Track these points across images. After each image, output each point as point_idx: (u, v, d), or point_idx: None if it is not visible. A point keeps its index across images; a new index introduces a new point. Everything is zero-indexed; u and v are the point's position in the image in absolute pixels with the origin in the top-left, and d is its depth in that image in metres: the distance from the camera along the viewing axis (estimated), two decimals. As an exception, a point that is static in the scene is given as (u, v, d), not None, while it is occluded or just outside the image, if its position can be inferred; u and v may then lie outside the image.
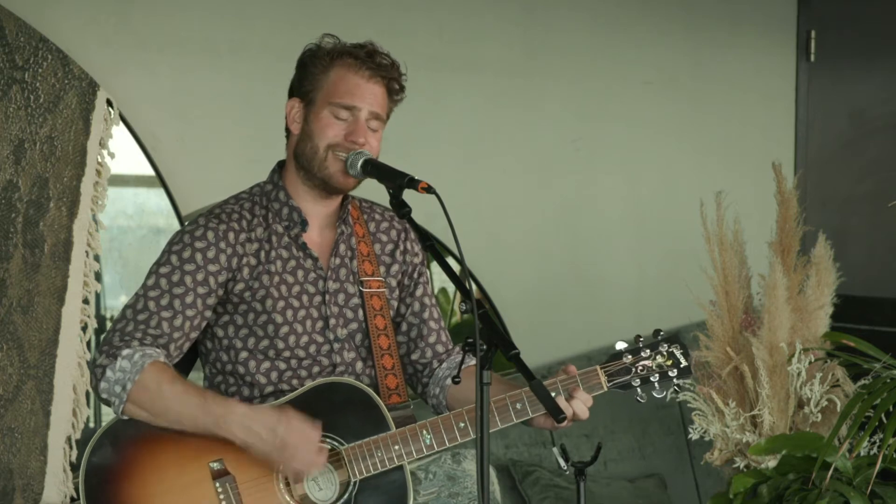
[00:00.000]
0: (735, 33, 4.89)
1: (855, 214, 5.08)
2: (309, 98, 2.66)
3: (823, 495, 3.23)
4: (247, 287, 2.62)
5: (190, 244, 2.60)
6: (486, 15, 4.31)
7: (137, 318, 2.55)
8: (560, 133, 4.50)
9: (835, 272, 3.64)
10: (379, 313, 2.73)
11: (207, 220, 2.64)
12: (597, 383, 2.64)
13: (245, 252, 2.63)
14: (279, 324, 2.63)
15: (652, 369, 2.68)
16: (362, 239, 2.76)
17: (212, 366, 2.70)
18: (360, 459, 2.56)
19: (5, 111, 3.27)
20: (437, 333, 2.82)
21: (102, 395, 2.53)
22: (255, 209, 2.69)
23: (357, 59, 2.64)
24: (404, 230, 2.82)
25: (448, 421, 2.59)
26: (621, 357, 2.68)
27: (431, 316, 2.82)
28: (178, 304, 2.57)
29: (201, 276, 2.58)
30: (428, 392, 2.81)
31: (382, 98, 2.67)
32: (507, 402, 2.59)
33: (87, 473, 2.51)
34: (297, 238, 2.68)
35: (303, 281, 2.67)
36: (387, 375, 2.71)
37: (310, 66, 2.68)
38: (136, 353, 2.51)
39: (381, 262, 2.77)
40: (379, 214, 2.83)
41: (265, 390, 2.63)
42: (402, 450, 2.57)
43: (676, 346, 2.71)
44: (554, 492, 3.89)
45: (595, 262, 4.61)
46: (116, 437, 2.54)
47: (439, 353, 2.81)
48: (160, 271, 2.59)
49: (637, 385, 2.66)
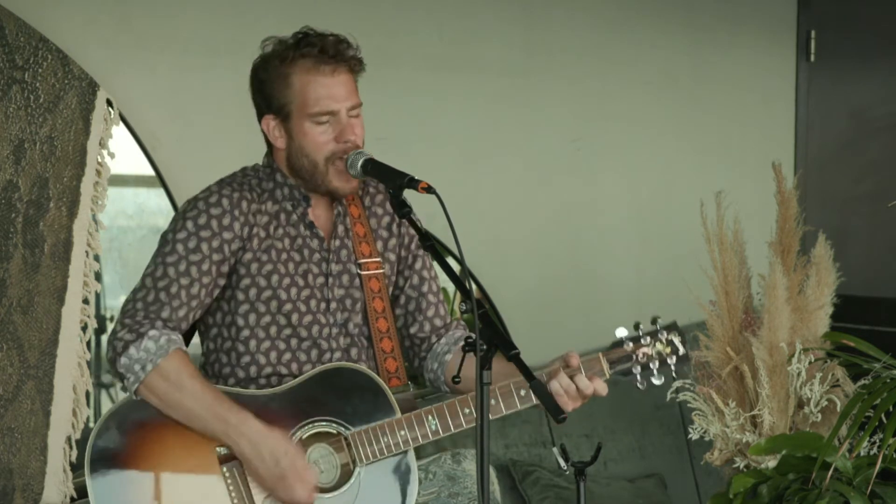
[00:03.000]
0: (735, 33, 4.89)
1: (855, 214, 5.08)
2: (284, 113, 2.62)
3: (823, 495, 3.23)
4: (254, 258, 2.62)
5: (205, 210, 2.59)
6: (486, 15, 4.31)
7: (158, 286, 2.55)
8: (560, 133, 4.50)
9: (835, 272, 3.64)
10: (377, 295, 2.73)
11: (221, 188, 2.63)
12: (599, 370, 2.65)
13: (256, 223, 2.63)
14: (283, 300, 2.63)
15: (652, 357, 2.70)
16: (357, 220, 2.75)
17: (212, 342, 2.68)
18: (366, 444, 2.56)
19: (5, 111, 3.27)
20: (436, 307, 2.81)
21: (120, 369, 2.52)
22: (263, 184, 2.68)
23: (311, 58, 2.59)
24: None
25: (453, 407, 2.59)
26: (622, 345, 2.69)
27: (430, 289, 2.81)
28: (195, 270, 2.56)
29: (217, 243, 2.58)
30: (425, 366, 2.81)
31: (351, 83, 2.64)
32: (510, 388, 2.60)
33: (93, 456, 2.51)
34: (305, 216, 2.67)
35: (308, 260, 2.67)
36: (386, 358, 2.71)
37: (268, 82, 2.63)
38: (162, 337, 2.51)
39: (378, 238, 2.76)
40: (373, 187, 2.81)
41: (263, 371, 2.62)
42: (407, 435, 2.58)
43: (675, 333, 2.74)
44: (554, 492, 3.88)
45: (595, 262, 4.61)
46: (122, 420, 2.54)
47: (437, 328, 2.81)
48: (177, 237, 2.58)
49: (637, 372, 2.69)
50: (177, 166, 3.68)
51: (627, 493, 4.10)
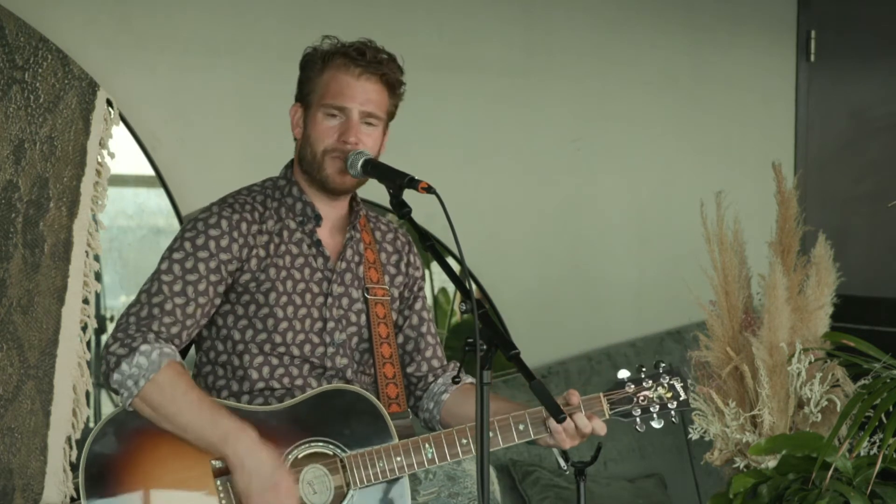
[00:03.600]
0: (735, 33, 4.89)
1: (855, 214, 5.09)
2: (307, 102, 2.67)
3: (823, 495, 3.23)
4: (253, 278, 2.62)
5: (204, 231, 2.60)
6: (486, 15, 4.31)
7: (152, 302, 2.55)
8: (560, 133, 4.50)
9: (835, 272, 3.64)
10: (382, 321, 2.74)
11: (221, 209, 2.63)
12: (599, 410, 2.67)
13: (255, 244, 2.63)
14: (279, 318, 2.63)
15: (653, 400, 2.71)
16: (369, 246, 2.77)
17: (205, 354, 2.68)
18: (361, 468, 2.56)
19: (5, 111, 3.27)
20: (434, 348, 2.83)
21: (114, 385, 2.52)
22: (268, 202, 2.68)
23: (347, 58, 2.64)
24: (408, 243, 2.84)
25: (451, 436, 2.60)
26: (624, 386, 2.70)
27: (429, 330, 2.84)
28: (191, 290, 2.56)
29: (214, 264, 2.58)
30: (421, 406, 2.81)
31: (377, 94, 2.66)
32: (510, 423, 2.61)
33: (89, 461, 2.50)
34: (312, 234, 2.68)
35: (308, 279, 2.67)
36: (388, 384, 2.71)
37: (307, 70, 2.68)
38: (154, 351, 2.50)
39: (385, 272, 2.78)
40: (384, 225, 2.84)
41: (256, 386, 2.62)
42: (403, 461, 2.57)
43: (677, 378, 2.75)
44: (554, 492, 3.88)
45: (595, 262, 4.61)
46: (119, 428, 2.53)
47: (434, 368, 2.82)
48: (174, 257, 2.59)
49: (637, 415, 2.70)
50: (177, 166, 3.68)
51: (627, 493, 4.10)
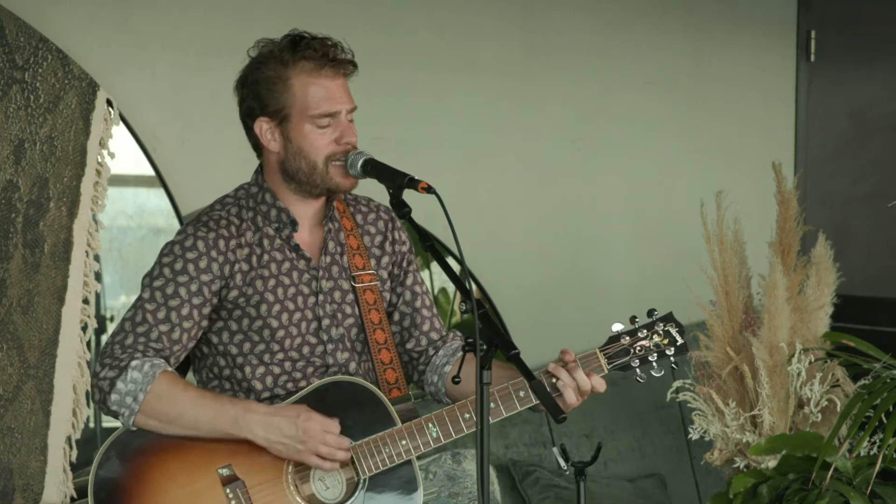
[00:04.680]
0: (735, 33, 4.89)
1: (855, 214, 5.08)
2: (281, 116, 2.61)
3: (823, 495, 3.23)
4: (241, 293, 2.61)
5: (181, 255, 2.58)
6: (486, 15, 4.31)
7: (137, 331, 2.54)
8: (560, 133, 4.50)
9: (835, 272, 3.64)
10: (373, 307, 2.73)
11: (196, 229, 2.60)
12: (597, 366, 2.62)
13: (237, 258, 2.61)
14: (275, 328, 2.62)
15: (650, 349, 2.65)
16: (351, 232, 2.74)
17: (208, 370, 2.68)
18: (368, 456, 2.56)
19: (5, 111, 3.27)
20: (431, 321, 2.81)
21: (112, 406, 2.51)
22: (243, 213, 2.66)
23: (312, 61, 2.59)
24: (391, 220, 2.81)
25: (453, 413, 2.58)
26: (619, 339, 2.66)
27: (424, 304, 2.81)
28: (175, 316, 2.55)
29: (195, 287, 2.57)
30: (425, 380, 2.80)
31: (347, 87, 2.65)
32: (509, 390, 2.58)
33: (96, 487, 2.50)
34: (290, 239, 2.66)
35: (297, 282, 2.66)
36: (385, 370, 2.71)
37: (263, 84, 2.62)
38: (146, 364, 2.50)
39: (371, 255, 2.76)
40: (364, 206, 2.81)
41: (261, 396, 2.62)
42: (409, 444, 2.57)
43: (672, 324, 2.68)
44: (554, 492, 3.88)
45: (595, 262, 4.61)
46: (123, 449, 2.53)
47: (434, 341, 2.80)
48: (154, 284, 2.57)
49: (636, 366, 2.64)
50: (177, 166, 3.68)
51: (627, 493, 4.10)
